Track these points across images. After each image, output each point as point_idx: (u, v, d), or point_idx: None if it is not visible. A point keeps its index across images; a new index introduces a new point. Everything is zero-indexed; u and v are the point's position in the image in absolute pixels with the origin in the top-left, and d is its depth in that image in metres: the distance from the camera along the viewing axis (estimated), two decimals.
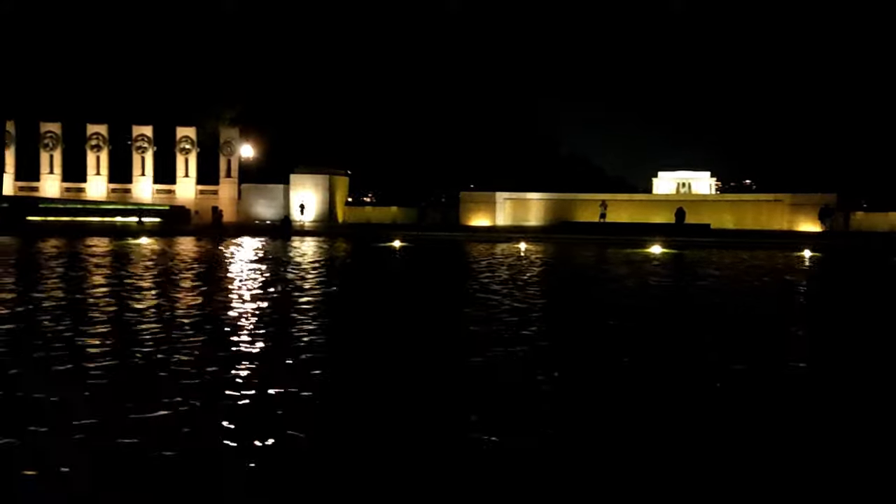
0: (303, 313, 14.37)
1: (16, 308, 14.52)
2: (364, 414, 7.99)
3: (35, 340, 11.28)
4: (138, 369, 9.63)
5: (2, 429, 7.14)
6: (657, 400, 8.61)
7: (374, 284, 21.38)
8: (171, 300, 16.03)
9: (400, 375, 9.66)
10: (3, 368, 9.50)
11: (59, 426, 7.23)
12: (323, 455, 6.80)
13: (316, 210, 58.30)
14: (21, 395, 8.27)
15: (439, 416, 7.88)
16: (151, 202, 57.47)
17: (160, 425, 7.35)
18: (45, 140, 57.24)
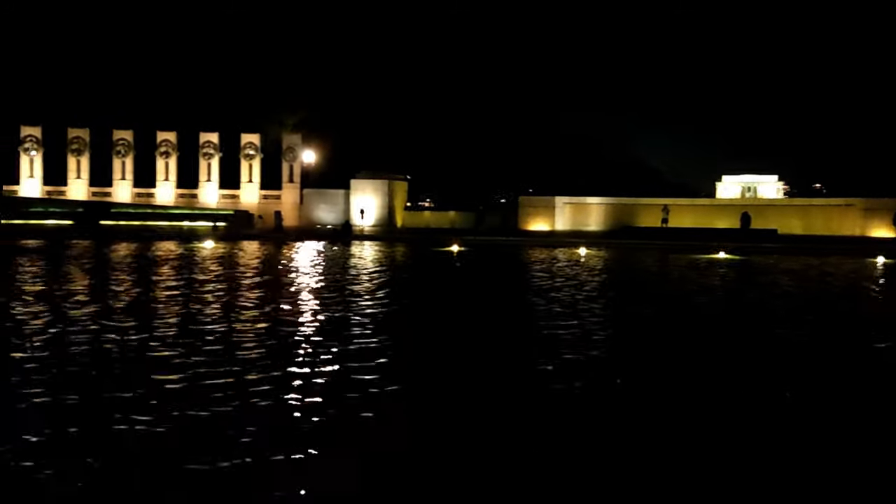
0: (366, 319, 14.51)
1: (117, 306, 15.07)
2: (441, 421, 8.02)
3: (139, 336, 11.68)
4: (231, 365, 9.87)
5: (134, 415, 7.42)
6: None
7: (435, 289, 21.44)
8: (240, 303, 16.39)
9: (468, 381, 9.66)
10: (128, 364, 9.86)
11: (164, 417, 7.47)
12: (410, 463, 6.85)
13: (375, 215, 58.88)
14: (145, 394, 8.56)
15: (515, 425, 7.85)
16: (216, 207, 58.97)
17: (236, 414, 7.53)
18: (118, 147, 59.34)
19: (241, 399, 8.46)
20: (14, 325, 13.02)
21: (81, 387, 8.87)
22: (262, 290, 19.13)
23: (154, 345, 11.45)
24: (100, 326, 12.96)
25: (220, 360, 10.45)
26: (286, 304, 16.32)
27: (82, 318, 13.91)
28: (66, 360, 10.24)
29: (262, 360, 10.53)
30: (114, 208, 55.25)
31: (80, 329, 12.68)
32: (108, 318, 13.80)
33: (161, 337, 12.09)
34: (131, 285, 19.63)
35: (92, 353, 10.76)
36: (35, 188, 57.97)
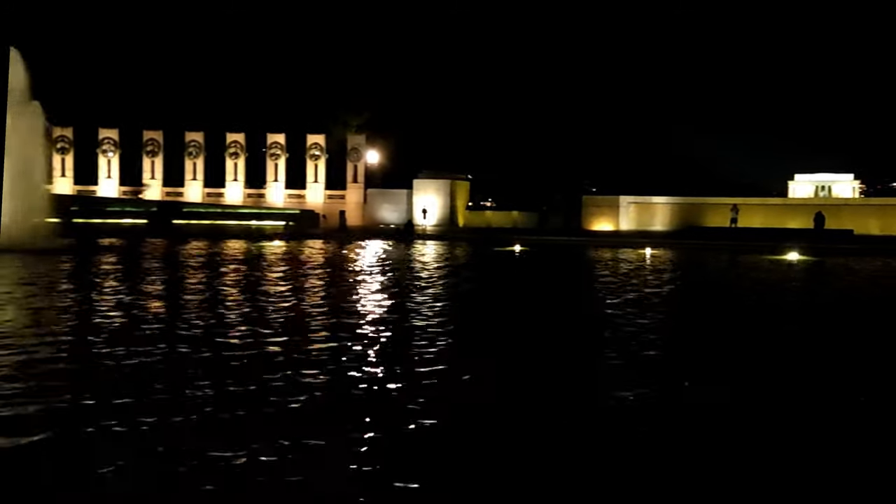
0: (431, 318, 14.60)
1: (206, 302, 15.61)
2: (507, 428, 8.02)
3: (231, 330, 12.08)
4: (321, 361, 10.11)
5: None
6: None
7: (498, 289, 21.44)
8: (309, 299, 16.72)
9: (536, 385, 9.64)
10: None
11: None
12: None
13: (437, 214, 59.22)
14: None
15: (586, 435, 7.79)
16: (283, 206, 60.28)
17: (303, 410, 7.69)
18: (190, 149, 61.30)
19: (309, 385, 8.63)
20: (123, 323, 13.57)
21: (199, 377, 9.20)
22: (338, 286, 19.46)
23: (270, 339, 11.77)
24: (208, 321, 13.41)
25: (314, 350, 10.69)
26: (356, 301, 16.58)
27: (190, 312, 14.40)
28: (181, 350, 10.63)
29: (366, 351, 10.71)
30: (185, 208, 57.07)
31: (192, 324, 13.13)
32: (212, 314, 14.25)
33: (272, 332, 12.42)
34: (224, 282, 20.20)
35: (210, 346, 11.12)
36: (112, 188, 60.36)
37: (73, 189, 59.03)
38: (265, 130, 61.75)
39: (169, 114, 62.23)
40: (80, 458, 6.49)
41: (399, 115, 68.52)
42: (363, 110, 67.07)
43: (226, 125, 61.76)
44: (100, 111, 60.94)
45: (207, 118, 62.26)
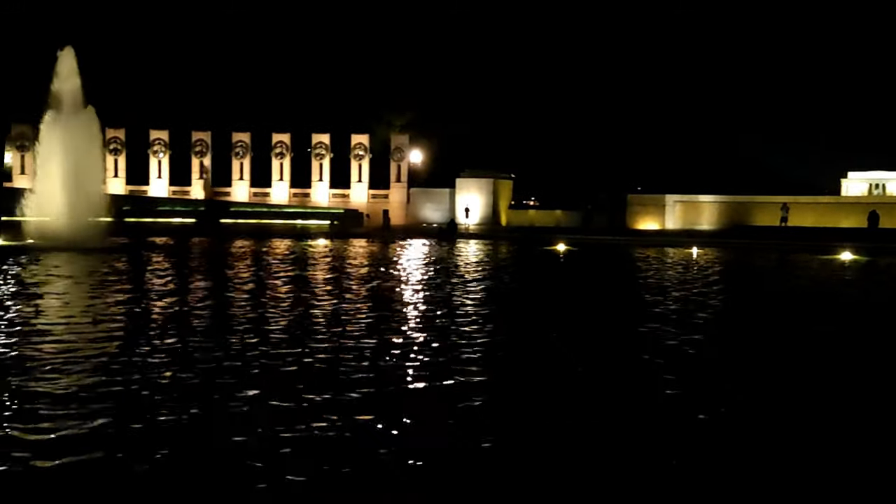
0: (474, 318, 14.63)
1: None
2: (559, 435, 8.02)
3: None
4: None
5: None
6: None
7: (543, 288, 21.35)
8: (349, 296, 16.91)
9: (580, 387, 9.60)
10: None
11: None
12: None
13: (480, 213, 59.20)
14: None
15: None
16: (327, 206, 60.92)
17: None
18: (237, 149, 62.35)
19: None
20: (192, 318, 13.91)
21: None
22: (372, 285, 19.63)
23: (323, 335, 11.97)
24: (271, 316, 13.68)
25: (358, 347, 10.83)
26: (402, 302, 16.70)
27: (246, 307, 14.71)
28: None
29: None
30: (232, 207, 58.06)
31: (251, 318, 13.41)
32: (277, 310, 14.53)
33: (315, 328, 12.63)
34: (279, 279, 20.53)
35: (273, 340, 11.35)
36: (162, 188, 61.75)
37: (126, 189, 60.53)
38: (310, 131, 62.50)
39: (217, 115, 63.39)
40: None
41: (442, 115, 68.65)
42: (406, 110, 67.39)
43: (272, 126, 62.67)
44: (151, 113, 62.38)
45: (254, 119, 63.24)
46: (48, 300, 15.60)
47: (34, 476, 6.09)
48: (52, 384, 8.71)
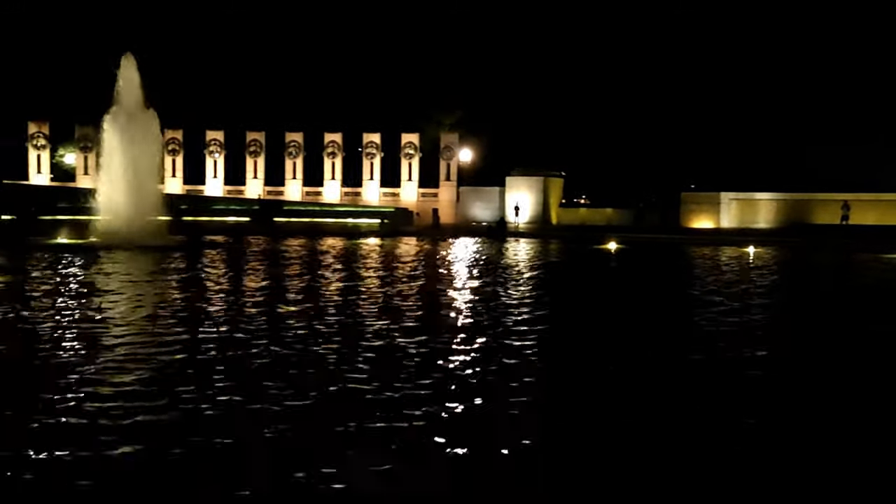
0: (525, 316, 14.62)
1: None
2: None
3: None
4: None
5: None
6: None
7: (595, 288, 21.19)
8: (402, 294, 17.08)
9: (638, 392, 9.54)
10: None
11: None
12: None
13: (530, 212, 58.94)
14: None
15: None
16: (378, 204, 61.46)
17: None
18: (290, 149, 63.37)
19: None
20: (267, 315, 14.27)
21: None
22: (420, 282, 19.76)
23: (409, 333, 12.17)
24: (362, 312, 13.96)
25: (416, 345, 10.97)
26: (451, 298, 16.78)
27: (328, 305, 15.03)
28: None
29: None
30: (286, 206, 58.98)
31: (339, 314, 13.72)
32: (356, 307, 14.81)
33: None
34: (340, 276, 20.88)
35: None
36: (218, 188, 63.14)
37: (183, 188, 62.08)
38: (361, 130, 63.10)
39: (271, 115, 64.47)
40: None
41: (492, 113, 68.49)
42: (456, 109, 67.44)
43: (324, 126, 63.47)
44: (207, 114, 63.80)
45: (307, 119, 64.16)
46: (111, 296, 16.15)
47: (112, 463, 6.35)
48: (120, 376, 9.05)
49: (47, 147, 61.24)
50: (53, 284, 18.31)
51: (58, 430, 7.15)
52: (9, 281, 18.91)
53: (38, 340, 11.25)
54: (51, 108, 60.82)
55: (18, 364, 9.90)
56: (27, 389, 8.58)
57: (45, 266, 22.74)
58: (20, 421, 7.36)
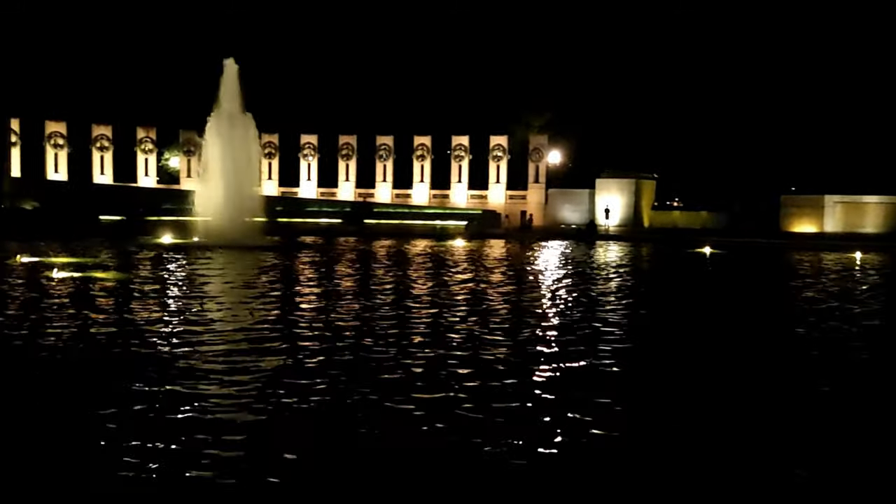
0: (617, 324, 14.37)
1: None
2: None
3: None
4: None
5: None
6: None
7: (690, 294, 20.60)
8: (497, 297, 17.08)
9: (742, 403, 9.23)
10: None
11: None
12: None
13: (621, 214, 57.84)
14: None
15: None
16: (466, 207, 61.70)
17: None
18: (380, 151, 64.47)
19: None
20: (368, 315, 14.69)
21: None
22: (511, 287, 19.70)
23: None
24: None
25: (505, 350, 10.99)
26: (537, 302, 16.67)
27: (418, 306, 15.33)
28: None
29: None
30: (376, 208, 60.10)
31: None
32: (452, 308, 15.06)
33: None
34: (419, 279, 21.22)
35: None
36: (311, 190, 64.90)
37: (278, 191, 64.13)
38: (450, 133, 63.54)
39: (362, 119, 65.77)
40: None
41: (582, 114, 67.61)
42: (545, 110, 66.95)
43: (414, 129, 64.26)
44: (301, 118, 65.69)
45: (397, 123, 65.08)
46: (211, 293, 16.86)
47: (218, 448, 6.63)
48: (220, 367, 9.44)
49: (154, 151, 64.48)
50: (160, 281, 19.28)
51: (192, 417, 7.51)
52: (121, 278, 20.02)
53: (150, 333, 11.86)
54: (158, 114, 64.06)
55: (140, 353, 10.45)
56: (152, 378, 9.03)
57: (153, 264, 23.97)
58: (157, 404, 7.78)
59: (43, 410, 7.82)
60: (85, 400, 8.13)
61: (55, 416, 7.65)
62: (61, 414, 7.70)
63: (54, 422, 7.46)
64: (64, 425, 7.37)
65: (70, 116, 61.30)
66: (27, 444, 6.86)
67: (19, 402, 8.20)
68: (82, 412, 7.68)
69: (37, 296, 15.98)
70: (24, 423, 7.48)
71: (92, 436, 7.00)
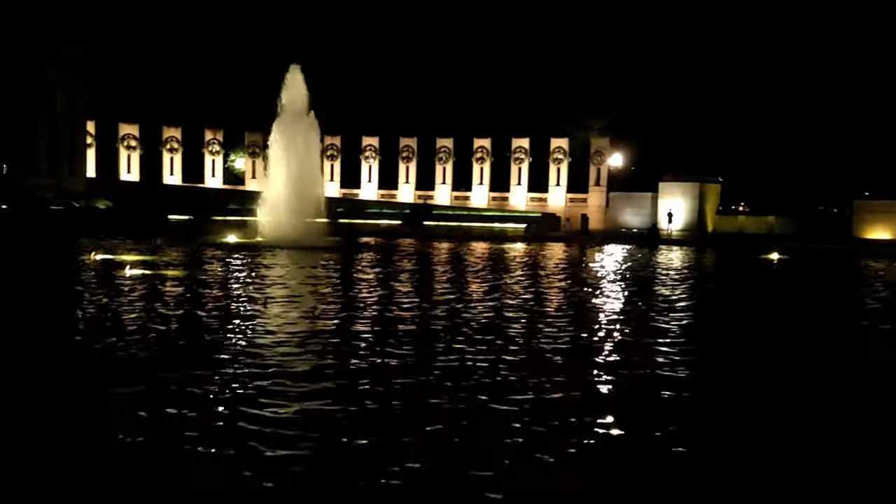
0: (679, 329, 14.09)
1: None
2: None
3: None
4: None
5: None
6: None
7: (759, 302, 20.04)
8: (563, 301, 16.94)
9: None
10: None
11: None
12: None
13: (684, 219, 56.70)
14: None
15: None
16: (525, 209, 61.41)
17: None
18: (440, 154, 64.73)
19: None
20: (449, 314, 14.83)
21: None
22: (568, 290, 19.51)
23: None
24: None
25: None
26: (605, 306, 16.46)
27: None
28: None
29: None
30: (435, 210, 60.32)
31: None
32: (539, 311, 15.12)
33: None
34: (478, 279, 21.27)
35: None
36: (371, 192, 65.60)
37: (340, 192, 65.02)
38: (510, 135, 63.36)
39: (422, 122, 66.22)
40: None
41: (644, 117, 66.60)
42: (606, 112, 66.22)
43: (473, 131, 64.33)
44: (363, 121, 66.51)
45: (457, 125, 65.28)
46: (276, 291, 17.20)
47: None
48: (287, 363, 9.62)
49: (220, 153, 66.19)
50: (226, 280, 19.78)
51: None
52: (189, 276, 20.60)
53: (216, 329, 12.19)
54: (224, 116, 65.81)
55: (208, 349, 10.75)
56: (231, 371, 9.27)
57: (219, 263, 24.60)
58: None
59: (118, 404, 8.10)
60: (153, 396, 8.38)
61: (130, 409, 7.91)
62: (134, 408, 7.96)
63: (130, 415, 7.71)
64: (135, 419, 7.61)
65: (142, 119, 63.50)
66: (108, 437, 7.11)
67: (99, 396, 8.51)
68: (152, 407, 7.93)
69: (111, 292, 16.57)
70: (104, 416, 7.76)
71: (163, 432, 7.22)
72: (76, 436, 7.15)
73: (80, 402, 8.27)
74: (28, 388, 8.73)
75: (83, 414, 7.83)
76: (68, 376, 9.38)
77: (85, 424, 7.49)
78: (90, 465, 6.47)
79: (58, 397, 8.39)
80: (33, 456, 6.60)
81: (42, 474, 6.21)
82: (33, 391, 8.63)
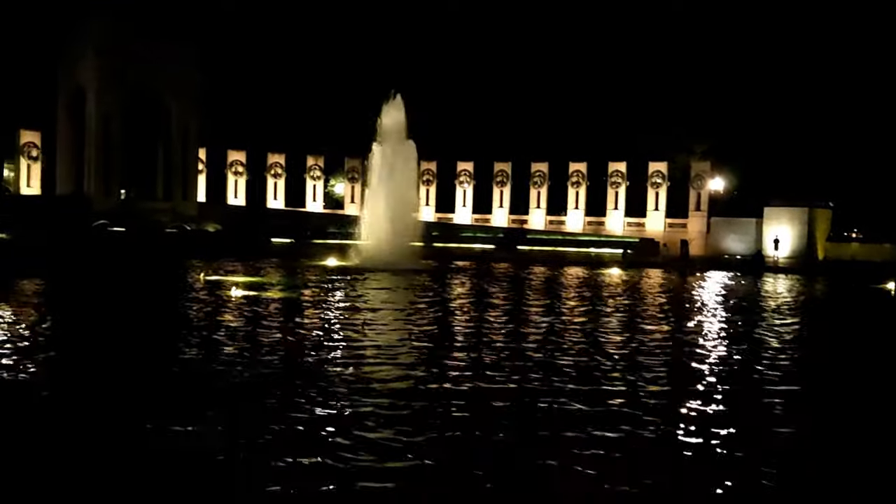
0: (788, 368, 13.49)
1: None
2: None
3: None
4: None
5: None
6: None
7: (875, 336, 18.92)
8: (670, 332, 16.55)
9: None
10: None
11: None
12: None
13: (791, 245, 54.20)
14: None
15: None
16: (622, 234, 60.29)
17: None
18: (534, 178, 64.60)
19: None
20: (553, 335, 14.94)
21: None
22: (670, 322, 18.99)
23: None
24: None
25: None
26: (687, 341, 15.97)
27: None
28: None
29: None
30: (529, 234, 60.07)
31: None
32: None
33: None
34: (571, 305, 21.09)
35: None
36: (466, 216, 66.10)
37: (435, 216, 65.84)
38: (607, 159, 62.56)
39: (517, 146, 66.33)
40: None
41: (747, 140, 64.36)
42: (707, 136, 64.40)
43: (569, 155, 63.89)
44: (458, 146, 67.23)
45: (551, 150, 65.01)
46: (374, 313, 17.55)
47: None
48: (379, 379, 9.79)
49: (321, 178, 68.39)
50: (326, 301, 20.35)
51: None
52: (291, 297, 21.31)
53: (318, 349, 12.57)
54: (325, 142, 68.05)
55: (310, 369, 11.11)
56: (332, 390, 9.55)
57: (319, 285, 25.34)
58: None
59: (218, 419, 8.45)
60: (252, 413, 8.70)
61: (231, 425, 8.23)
62: (236, 424, 8.28)
63: (229, 431, 8.03)
64: (236, 437, 7.92)
65: (249, 146, 66.48)
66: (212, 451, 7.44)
67: (203, 413, 8.92)
68: (252, 424, 8.23)
69: (219, 312, 17.34)
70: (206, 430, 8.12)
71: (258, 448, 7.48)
72: (178, 449, 7.50)
73: (183, 414, 8.68)
74: (136, 397, 9.24)
75: (184, 426, 8.20)
76: (175, 390, 9.87)
77: (183, 437, 7.85)
78: (192, 478, 6.77)
79: (162, 408, 8.83)
80: (141, 464, 6.97)
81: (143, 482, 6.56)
82: (141, 400, 9.12)
